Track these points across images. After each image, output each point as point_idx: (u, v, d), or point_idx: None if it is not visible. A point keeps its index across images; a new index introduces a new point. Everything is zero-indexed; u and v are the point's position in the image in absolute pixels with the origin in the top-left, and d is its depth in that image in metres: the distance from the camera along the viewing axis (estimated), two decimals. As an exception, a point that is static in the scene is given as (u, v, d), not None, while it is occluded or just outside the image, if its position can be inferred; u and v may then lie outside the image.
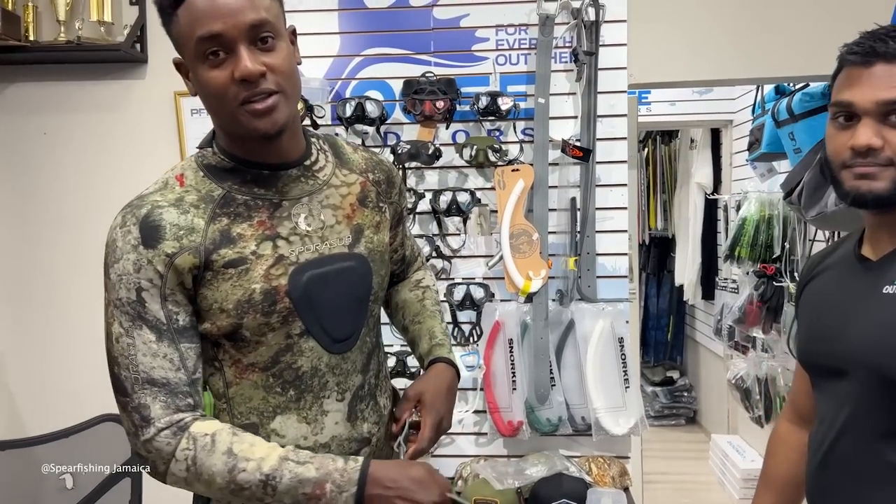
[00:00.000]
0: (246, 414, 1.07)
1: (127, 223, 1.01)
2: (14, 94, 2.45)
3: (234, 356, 1.06)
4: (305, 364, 1.08)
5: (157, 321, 1.00)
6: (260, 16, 0.98)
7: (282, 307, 1.04)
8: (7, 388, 2.49)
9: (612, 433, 2.20)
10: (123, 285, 1.00)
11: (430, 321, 1.30)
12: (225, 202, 1.04)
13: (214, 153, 1.08)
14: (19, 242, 2.48)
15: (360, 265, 1.13)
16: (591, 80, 2.23)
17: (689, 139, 4.61)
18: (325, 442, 1.10)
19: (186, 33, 0.98)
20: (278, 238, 1.06)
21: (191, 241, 1.00)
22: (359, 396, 1.15)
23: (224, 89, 0.98)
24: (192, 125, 2.39)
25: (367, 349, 1.17)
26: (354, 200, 1.16)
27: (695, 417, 5.02)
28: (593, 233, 2.27)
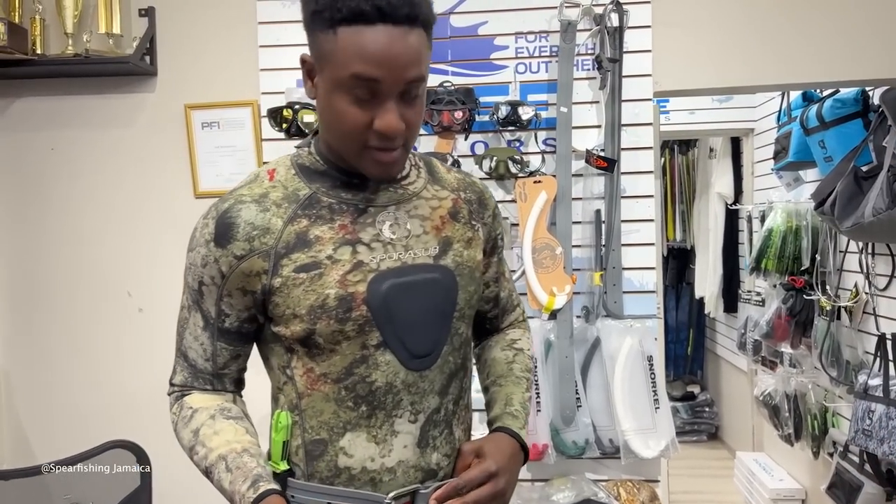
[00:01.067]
0: (316, 429, 1.04)
1: (208, 215, 1.02)
2: (21, 108, 2.40)
3: (307, 364, 1.03)
4: (380, 379, 1.02)
5: (208, 314, 1.04)
6: (420, 72, 0.95)
7: (358, 315, 1.00)
8: (13, 408, 2.42)
9: (642, 456, 2.11)
10: (191, 273, 1.04)
11: (512, 387, 1.18)
12: (309, 203, 1.02)
13: (310, 153, 1.06)
14: (26, 260, 2.41)
15: (445, 277, 1.06)
16: (616, 88, 2.15)
17: (707, 148, 4.52)
18: (391, 466, 1.03)
19: (341, 59, 0.92)
20: (359, 243, 1.02)
21: (262, 242, 0.99)
22: (433, 421, 1.06)
23: (358, 129, 0.96)
24: (203, 138, 2.33)
25: (449, 370, 1.08)
26: (445, 213, 1.10)
27: (717, 433, 4.90)
28: (619, 246, 2.18)
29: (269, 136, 2.23)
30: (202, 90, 2.33)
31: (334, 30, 0.92)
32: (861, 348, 2.65)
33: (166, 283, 2.36)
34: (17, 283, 2.42)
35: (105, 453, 1.82)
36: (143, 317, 2.38)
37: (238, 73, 2.30)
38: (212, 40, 2.33)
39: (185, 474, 2.29)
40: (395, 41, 0.91)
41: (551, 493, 2.07)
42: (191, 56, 2.34)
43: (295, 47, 2.25)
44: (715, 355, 4.96)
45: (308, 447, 1.04)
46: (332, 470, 1.03)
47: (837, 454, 2.65)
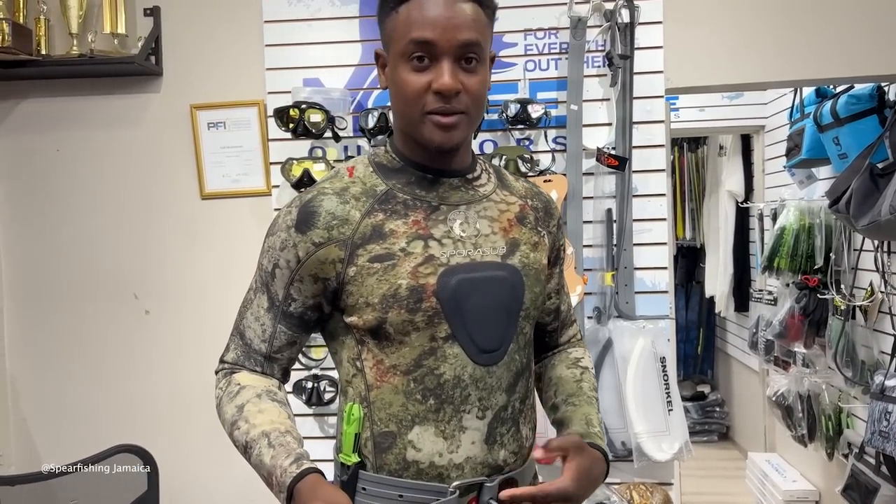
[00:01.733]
0: (385, 421, 1.05)
1: (292, 204, 1.08)
2: (27, 110, 2.38)
3: (377, 356, 1.05)
4: (448, 372, 1.04)
5: (276, 296, 1.08)
6: (473, 36, 1.01)
7: (427, 306, 1.03)
8: (20, 412, 2.40)
9: (655, 459, 2.07)
10: (267, 255, 1.09)
11: (588, 407, 1.18)
12: (385, 198, 1.07)
13: (387, 152, 1.12)
14: (33, 262, 2.40)
15: (511, 276, 1.09)
16: (627, 85, 2.12)
17: (717, 146, 4.48)
18: (458, 462, 1.04)
19: (401, 31, 1.02)
20: (431, 238, 1.06)
21: (341, 232, 1.04)
22: (500, 418, 1.07)
23: (418, 94, 1.02)
24: (209, 138, 2.31)
25: (516, 368, 1.09)
26: (513, 217, 1.14)
27: (728, 433, 4.86)
28: (631, 246, 2.15)
29: (275, 136, 2.21)
30: (208, 90, 2.31)
31: (397, 10, 1.03)
32: (877, 348, 2.61)
33: (173, 284, 2.35)
34: (23, 286, 2.40)
35: (111, 457, 1.81)
36: (149, 318, 2.36)
37: (244, 73, 2.28)
38: (217, 40, 2.31)
39: (192, 477, 2.28)
40: (448, 6, 1.00)
41: (563, 497, 2.04)
42: (196, 56, 2.32)
43: (301, 46, 2.23)
44: (725, 355, 4.92)
45: (377, 439, 1.05)
46: (400, 463, 1.04)
47: (853, 456, 2.62)
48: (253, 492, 2.27)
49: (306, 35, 2.23)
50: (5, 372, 2.39)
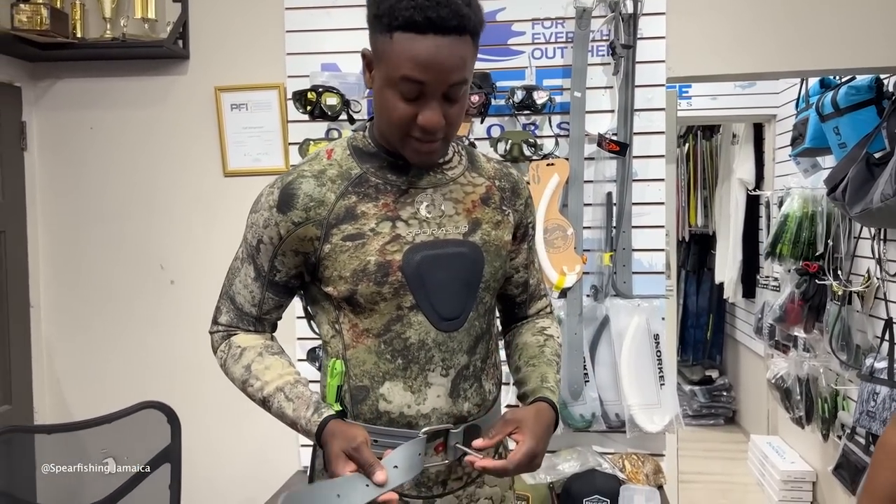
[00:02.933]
0: (360, 377, 1.17)
1: (274, 185, 1.16)
2: (62, 89, 2.53)
3: (353, 320, 1.17)
4: (413, 336, 1.16)
5: (261, 267, 1.19)
6: (462, 76, 1.06)
7: (394, 280, 1.13)
8: (54, 373, 2.57)
9: (647, 430, 2.18)
10: (252, 231, 1.18)
11: (546, 367, 1.27)
12: (359, 182, 1.16)
13: (364, 137, 1.20)
14: (66, 233, 2.56)
15: (472, 252, 1.19)
16: (629, 74, 2.21)
17: (730, 134, 4.52)
18: (426, 413, 1.16)
19: (393, 61, 1.04)
20: (398, 220, 1.15)
21: (317, 213, 1.13)
22: (463, 376, 1.19)
23: (403, 121, 1.07)
24: (232, 119, 2.44)
25: (476, 333, 1.21)
26: (477, 198, 1.22)
27: (734, 418, 4.94)
28: (629, 228, 2.25)
29: (294, 117, 2.33)
30: (231, 73, 2.43)
31: (391, 34, 1.04)
32: (871, 333, 2.69)
33: (196, 256, 2.50)
34: (58, 256, 2.56)
35: (138, 413, 1.95)
36: (174, 288, 2.51)
37: (266, 57, 2.40)
38: (241, 25, 2.43)
39: (212, 433, 2.43)
40: (441, 50, 1.03)
41: (557, 463, 2.16)
42: (221, 40, 2.44)
43: (320, 32, 2.34)
44: (734, 340, 4.99)
45: (353, 392, 1.18)
46: (373, 413, 1.16)
47: (845, 436, 2.70)
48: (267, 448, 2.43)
49: (325, 22, 2.34)
50: (41, 334, 2.56)
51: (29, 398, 2.51)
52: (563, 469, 2.13)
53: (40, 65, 2.50)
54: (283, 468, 2.38)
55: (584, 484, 2.07)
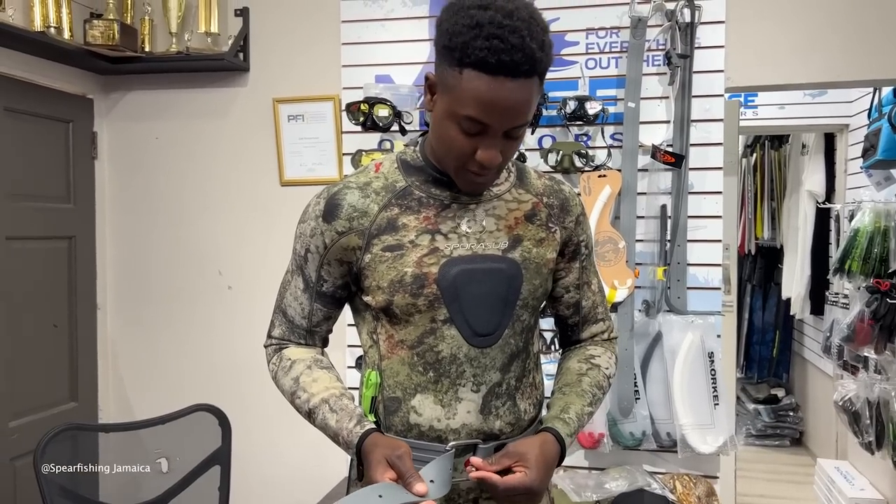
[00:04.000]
0: (393, 388, 1.18)
1: (321, 195, 1.19)
2: (131, 101, 2.64)
3: (389, 331, 1.18)
4: (445, 350, 1.16)
5: (309, 278, 1.21)
6: (526, 119, 1.06)
7: (429, 292, 1.14)
8: (118, 372, 2.68)
9: (699, 451, 2.12)
10: (299, 241, 1.21)
11: (574, 398, 1.23)
12: (403, 194, 1.17)
13: (414, 151, 1.21)
14: (132, 238, 2.67)
15: (510, 268, 1.18)
16: (686, 84, 2.16)
17: (800, 144, 4.35)
18: (455, 427, 1.16)
19: (460, 97, 1.03)
20: (438, 233, 1.16)
21: (360, 223, 1.16)
22: (495, 393, 1.18)
23: (460, 152, 1.08)
24: (289, 129, 2.50)
25: (510, 351, 1.19)
26: (521, 215, 1.21)
27: (801, 439, 4.73)
28: (684, 242, 2.19)
29: (348, 128, 2.37)
30: (289, 85, 2.49)
31: (460, 70, 1.02)
32: (948, 356, 2.53)
33: (253, 263, 2.56)
34: (124, 260, 2.68)
35: (190, 415, 2.01)
36: (231, 294, 2.58)
37: (322, 69, 2.45)
38: (299, 38, 2.49)
39: (262, 436, 2.48)
40: (510, 93, 1.01)
41: (605, 481, 2.11)
42: (280, 53, 2.51)
43: (374, 45, 2.37)
44: (802, 358, 4.79)
45: (386, 403, 1.19)
46: (404, 425, 1.17)
47: (918, 465, 2.55)
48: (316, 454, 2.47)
49: (380, 34, 2.38)
50: (106, 335, 2.67)
51: (94, 396, 2.62)
52: (611, 488, 2.09)
53: (111, 78, 2.62)
54: (331, 474, 2.41)
55: (631, 504, 2.02)
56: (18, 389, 2.29)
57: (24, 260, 2.33)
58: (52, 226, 2.46)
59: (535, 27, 1.01)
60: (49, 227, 2.44)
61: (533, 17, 1.02)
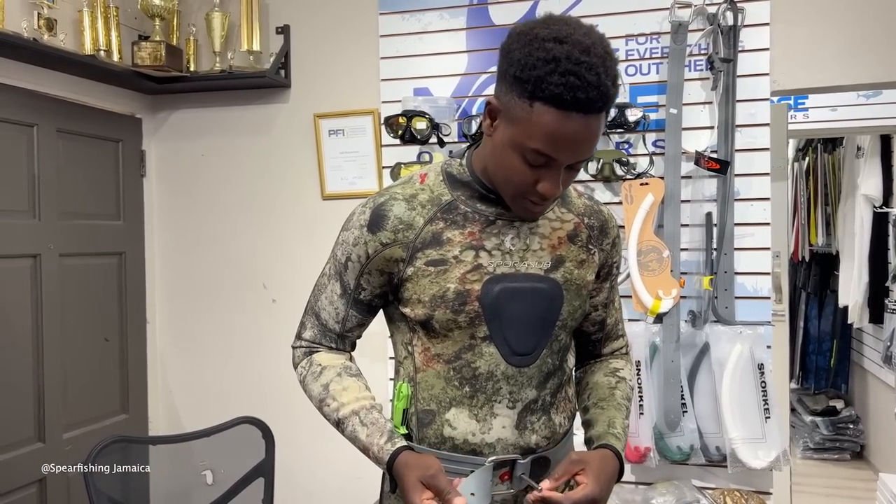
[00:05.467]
0: (427, 400, 1.18)
1: (367, 205, 1.19)
2: (177, 119, 2.71)
3: (425, 344, 1.18)
4: (483, 367, 1.15)
5: (347, 285, 1.21)
6: (592, 153, 1.08)
7: (470, 309, 1.13)
8: (167, 385, 2.74)
9: (750, 466, 2.05)
10: (341, 248, 1.21)
11: (615, 412, 1.23)
12: (448, 209, 1.17)
13: (460, 164, 1.20)
14: (179, 254, 2.73)
15: (552, 289, 1.17)
16: (729, 88, 2.10)
17: (854, 147, 4.21)
18: (490, 442, 1.15)
19: (528, 129, 1.01)
20: (482, 250, 1.15)
21: (405, 236, 1.15)
22: (530, 409, 1.17)
23: (521, 181, 1.06)
24: (330, 144, 2.52)
25: (547, 370, 1.19)
26: (564, 235, 1.21)
27: (861, 453, 4.54)
28: (731, 250, 2.13)
29: (387, 142, 2.38)
30: (329, 100, 2.52)
31: (531, 103, 0.99)
32: None
33: (296, 276, 2.59)
34: (172, 275, 2.74)
35: (234, 427, 2.04)
36: (276, 307, 2.62)
37: (361, 84, 2.47)
38: (339, 53, 2.52)
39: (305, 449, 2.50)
40: (581, 129, 0.99)
41: (652, 497, 2.06)
42: (320, 69, 2.54)
43: (412, 58, 2.38)
44: (861, 368, 4.61)
45: (419, 415, 1.18)
46: (438, 437, 1.17)
47: None
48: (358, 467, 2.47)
49: (418, 47, 2.39)
50: (156, 348, 2.74)
51: (144, 408, 2.68)
52: (658, 503, 2.03)
53: (158, 97, 2.69)
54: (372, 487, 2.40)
55: (679, 520, 1.96)
56: (72, 402, 2.36)
57: (77, 276, 2.40)
58: (103, 242, 2.53)
59: (611, 63, 0.99)
60: (100, 243, 2.52)
61: (608, 52, 1.00)
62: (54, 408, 2.29)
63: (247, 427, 2.04)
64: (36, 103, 2.25)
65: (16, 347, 2.19)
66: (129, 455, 1.97)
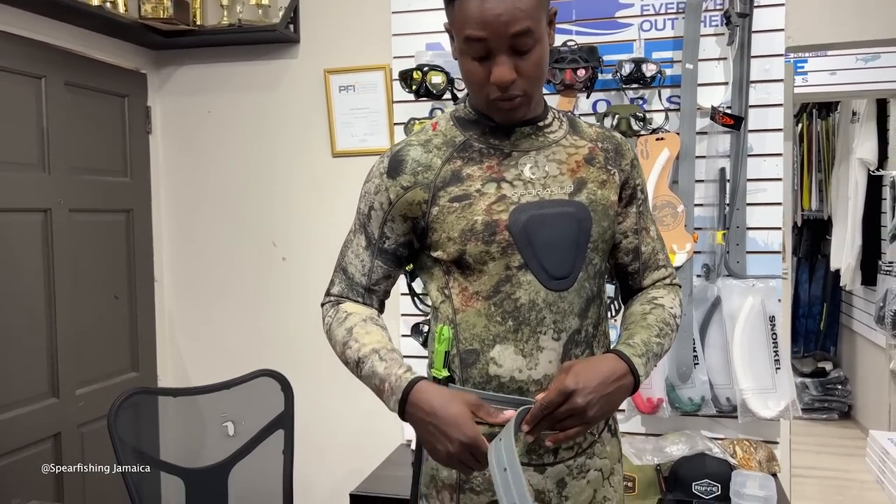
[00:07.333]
0: (469, 340, 1.18)
1: (385, 155, 1.23)
2: (183, 75, 2.67)
3: (462, 284, 1.18)
4: (524, 296, 1.16)
5: (371, 235, 1.23)
6: (524, 26, 1.07)
7: (501, 238, 1.15)
8: (176, 344, 2.73)
9: (760, 416, 2.09)
10: (364, 199, 1.23)
11: (639, 329, 1.21)
12: (463, 147, 1.20)
13: (465, 107, 1.24)
14: (187, 211, 2.71)
15: (578, 211, 1.19)
16: (745, 44, 2.11)
17: (850, 112, 4.25)
18: (537, 378, 1.16)
19: (458, 25, 1.10)
20: (503, 181, 1.17)
21: (425, 177, 1.18)
22: (574, 341, 1.18)
23: (480, 84, 1.12)
24: (340, 100, 2.50)
25: (586, 295, 1.19)
26: (581, 159, 1.23)
27: (849, 412, 4.66)
28: (744, 205, 2.16)
29: (399, 98, 2.36)
30: (340, 55, 2.49)
31: (453, 3, 1.10)
32: None
33: (306, 234, 2.59)
34: (180, 233, 2.72)
35: (254, 380, 2.04)
36: (285, 265, 2.61)
37: (372, 39, 2.45)
38: (349, 7, 2.49)
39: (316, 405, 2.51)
40: (494, 5, 1.05)
41: (664, 445, 2.11)
42: (330, 23, 2.51)
43: (424, 12, 2.35)
44: (850, 331, 4.71)
45: (462, 356, 1.18)
46: (483, 377, 1.17)
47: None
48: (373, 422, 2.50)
49: (430, 1, 2.36)
50: (164, 307, 2.73)
51: (153, 366, 2.68)
52: (671, 452, 2.08)
53: (163, 52, 2.64)
54: (387, 441, 2.44)
55: (693, 467, 2.01)
56: (84, 358, 2.35)
57: (86, 232, 2.38)
58: (111, 199, 2.50)
59: None
60: (107, 200, 2.49)
61: None
62: (68, 364, 2.28)
63: (266, 380, 2.05)
64: (44, 55, 2.21)
65: (29, 302, 2.18)
66: (151, 407, 1.98)
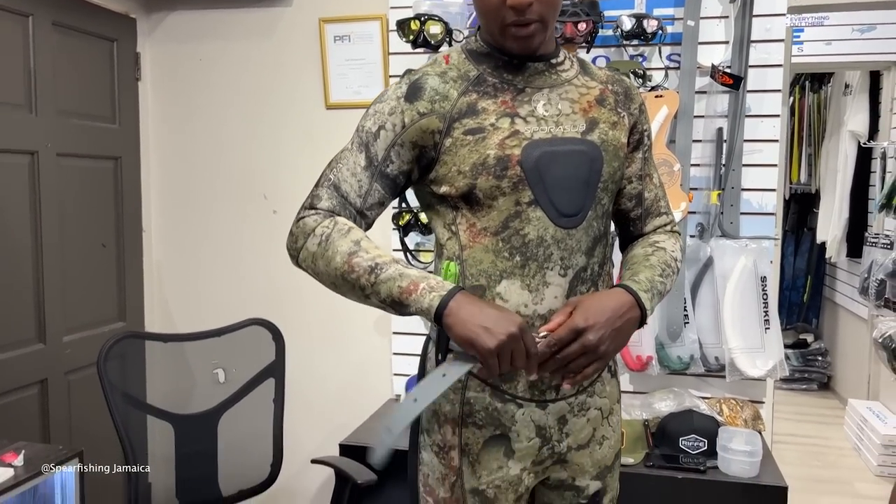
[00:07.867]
0: (476, 276, 1.17)
1: (402, 81, 1.21)
2: (174, 21, 2.61)
3: (470, 220, 1.18)
4: (532, 232, 1.16)
5: (375, 156, 1.18)
6: None
7: (512, 174, 1.14)
8: (163, 293, 2.71)
9: (748, 375, 2.12)
10: (372, 118, 1.19)
11: (642, 268, 1.23)
12: (478, 81, 1.19)
13: (477, 40, 1.23)
14: (176, 161, 2.66)
15: (590, 150, 1.19)
16: (747, 2, 2.09)
17: (842, 84, 4.26)
18: (542, 313, 1.15)
19: None
20: (516, 117, 1.17)
21: (441, 106, 1.16)
22: (580, 278, 1.18)
23: (495, 10, 1.12)
24: (335, 51, 2.46)
25: (594, 234, 1.20)
26: (592, 99, 1.23)
27: (829, 384, 4.74)
28: (739, 166, 2.16)
29: (395, 49, 2.33)
30: (335, 4, 2.44)
31: None
32: None
33: (298, 187, 2.52)
34: (169, 182, 2.68)
35: (245, 329, 2.03)
36: (276, 218, 2.58)
37: (369, -12, 2.40)
38: (346, -45, 2.43)
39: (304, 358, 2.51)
40: None
41: (652, 402, 2.13)
42: (326, -29, 2.46)
43: (424, -39, 2.31)
44: (833, 303, 4.77)
45: (469, 291, 1.14)
46: None
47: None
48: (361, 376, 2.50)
49: (429, -49, 2.31)
50: (151, 259, 2.69)
51: (141, 316, 2.65)
52: (659, 408, 2.10)
53: (154, -4, 2.58)
54: (375, 395, 2.44)
55: (680, 423, 2.03)
56: (71, 306, 2.32)
57: (74, 177, 2.33)
58: (99, 145, 2.45)
59: None
60: (96, 146, 2.44)
61: None
62: (54, 310, 2.25)
63: (257, 329, 2.05)
64: (30, -8, 2.14)
65: (16, 246, 2.14)
66: (141, 352, 1.96)
